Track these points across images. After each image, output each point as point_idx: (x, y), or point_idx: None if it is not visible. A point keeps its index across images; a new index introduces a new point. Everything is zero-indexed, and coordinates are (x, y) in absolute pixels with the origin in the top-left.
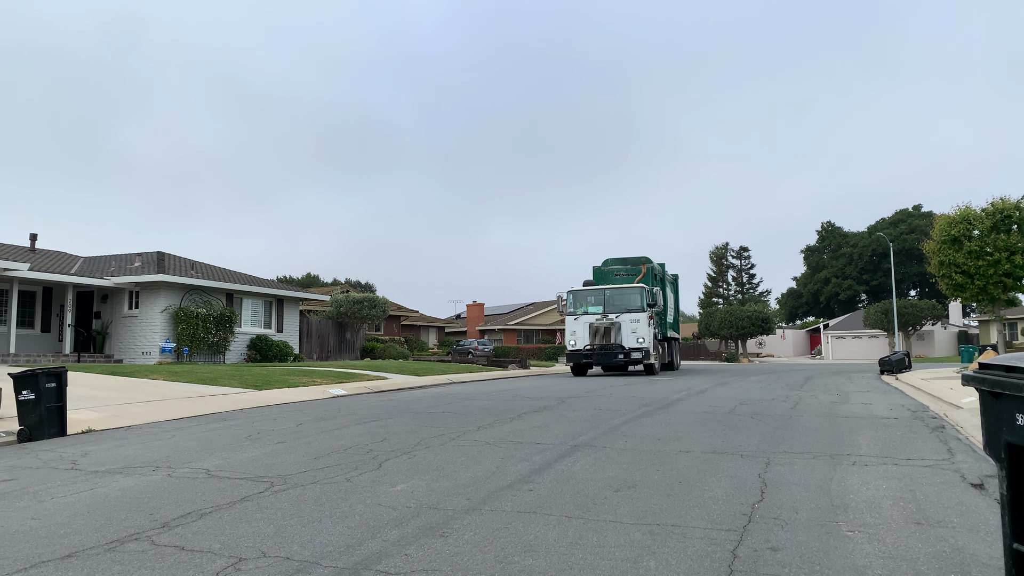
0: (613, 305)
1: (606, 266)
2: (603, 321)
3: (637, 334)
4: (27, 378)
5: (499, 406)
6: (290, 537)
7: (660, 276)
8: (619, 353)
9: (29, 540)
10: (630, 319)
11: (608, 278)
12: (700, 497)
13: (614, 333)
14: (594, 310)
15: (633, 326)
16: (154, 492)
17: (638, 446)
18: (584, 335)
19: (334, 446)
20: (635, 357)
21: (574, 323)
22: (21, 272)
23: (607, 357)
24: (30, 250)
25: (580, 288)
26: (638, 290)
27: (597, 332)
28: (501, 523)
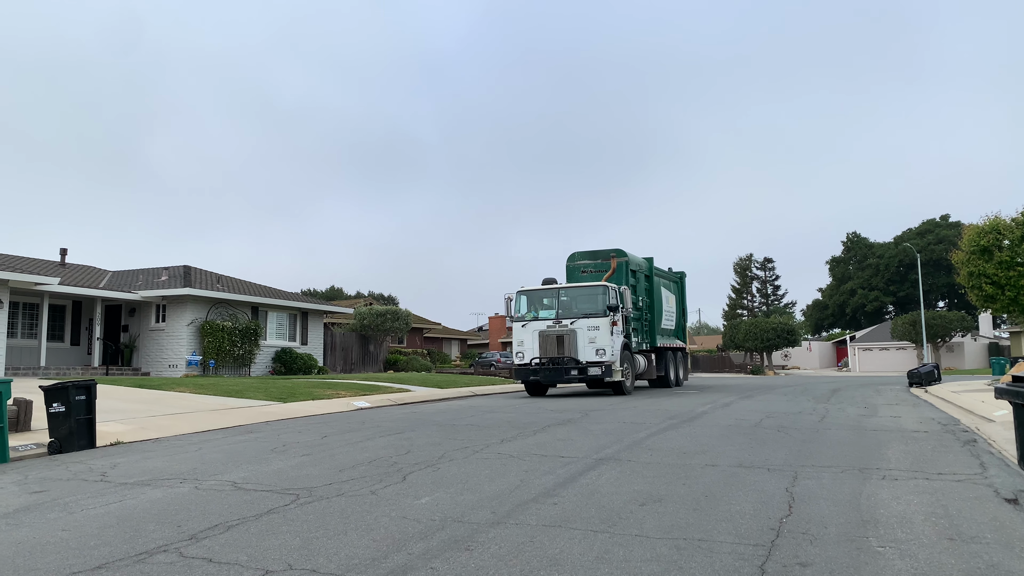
0: (568, 309)
1: (573, 261)
2: (555, 329)
3: (596, 344)
4: (57, 391)
5: (522, 419)
6: (316, 550)
7: (645, 272)
8: (572, 368)
9: (60, 551)
10: (587, 325)
11: (575, 276)
12: (727, 511)
13: (568, 343)
14: (546, 315)
15: (591, 334)
16: (182, 504)
17: (663, 459)
18: (533, 346)
19: (359, 458)
20: (593, 373)
21: (522, 331)
22: (51, 287)
23: (556, 373)
24: (60, 265)
25: (530, 288)
26: (599, 290)
27: (548, 342)
28: (526, 537)
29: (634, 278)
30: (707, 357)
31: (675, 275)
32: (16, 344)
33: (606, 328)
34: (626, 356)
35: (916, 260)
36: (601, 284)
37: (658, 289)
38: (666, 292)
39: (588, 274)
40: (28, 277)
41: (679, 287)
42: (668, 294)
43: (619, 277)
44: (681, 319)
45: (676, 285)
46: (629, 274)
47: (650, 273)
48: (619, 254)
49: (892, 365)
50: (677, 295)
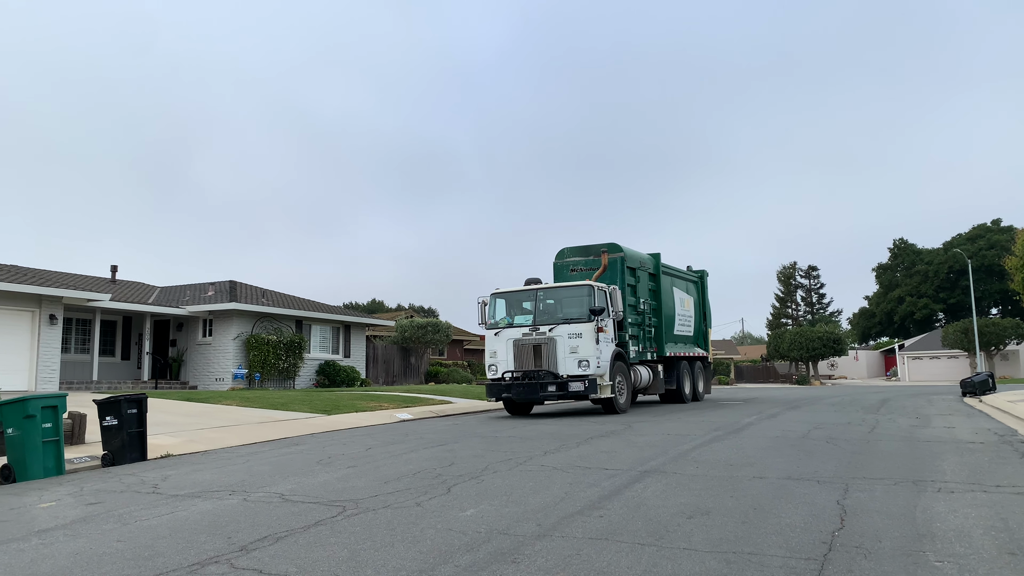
0: (548, 313)
1: (561, 259)
2: (531, 337)
3: (578, 354)
4: (110, 404)
5: (564, 430)
6: (364, 561)
7: (650, 270)
8: (549, 383)
9: (116, 562)
10: (568, 333)
11: (563, 276)
12: (776, 524)
13: (546, 354)
14: (522, 320)
15: (572, 343)
16: (231, 516)
17: (709, 472)
18: (507, 357)
19: (403, 470)
20: (574, 388)
21: (494, 340)
22: (103, 303)
23: (530, 390)
24: (111, 281)
25: (506, 290)
26: (582, 291)
27: (523, 353)
28: (572, 550)
29: (633, 277)
30: (751, 367)
31: (693, 274)
32: (70, 359)
33: (590, 335)
34: (619, 368)
35: (967, 266)
36: (584, 284)
37: (668, 290)
38: (680, 293)
39: (578, 273)
40: (81, 294)
41: (699, 288)
42: (683, 295)
43: (612, 275)
44: (701, 324)
45: (695, 285)
46: (626, 272)
47: (656, 271)
48: (612, 248)
49: (943, 374)
50: (696, 297)
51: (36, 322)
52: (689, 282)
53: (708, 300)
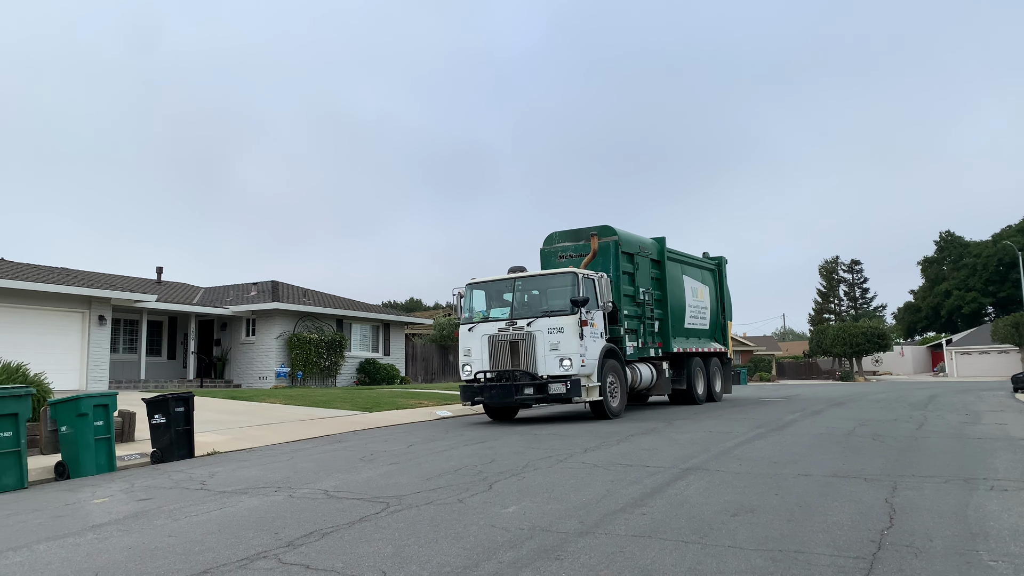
0: (527, 306)
1: (550, 244)
2: (507, 333)
3: (560, 351)
4: (158, 403)
5: (603, 428)
6: (408, 557)
7: (652, 256)
8: (525, 385)
9: (168, 556)
10: (548, 327)
11: (551, 264)
12: (823, 522)
13: (524, 351)
14: (499, 314)
15: (553, 338)
16: (277, 512)
17: (753, 469)
18: (482, 356)
19: (444, 467)
20: (555, 391)
21: (469, 336)
22: (149, 303)
23: (505, 392)
24: (156, 282)
25: (483, 280)
26: (564, 279)
27: (499, 350)
28: (616, 547)
29: (631, 263)
30: (793, 363)
31: (709, 261)
32: (118, 359)
33: (572, 330)
34: (611, 366)
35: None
36: (567, 271)
37: (676, 278)
38: (691, 282)
39: (567, 260)
40: (128, 295)
41: (715, 276)
42: (695, 284)
43: (605, 262)
44: (719, 316)
45: (711, 274)
46: (621, 258)
47: (660, 257)
48: (604, 231)
49: (993, 370)
50: (712, 286)
51: (86, 323)
52: (704, 270)
53: (727, 290)
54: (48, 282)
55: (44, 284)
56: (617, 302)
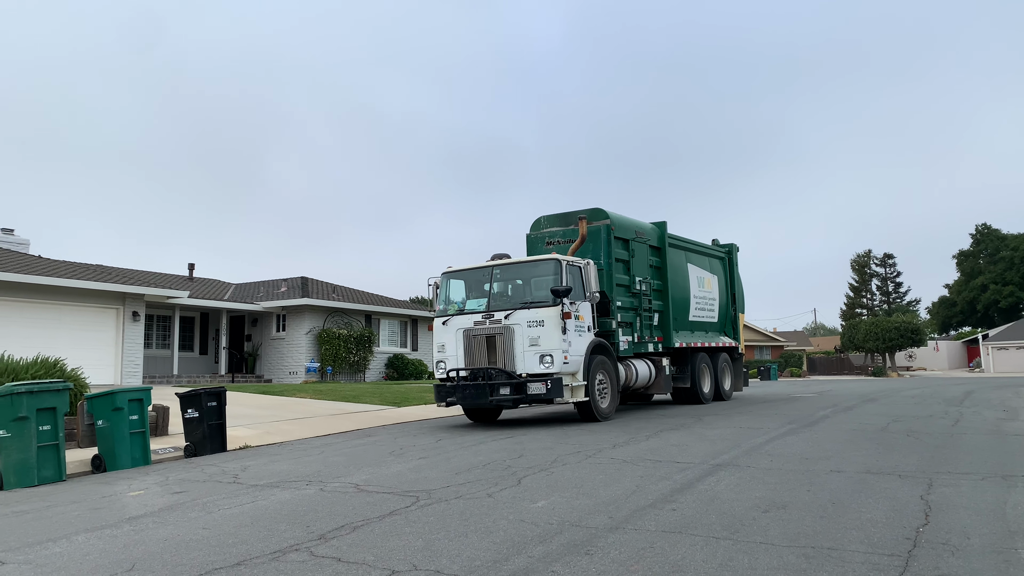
0: (504, 297)
1: (537, 230)
2: (483, 327)
3: (540, 347)
4: (191, 397)
5: (632, 424)
6: (439, 551)
7: (651, 242)
8: (501, 384)
9: (202, 548)
10: (527, 320)
11: (538, 251)
12: (857, 519)
13: (501, 347)
14: (474, 305)
15: (532, 332)
16: (309, 505)
17: (784, 465)
18: (456, 351)
19: (473, 462)
20: (534, 391)
21: (443, 331)
22: (182, 300)
23: (479, 392)
24: (188, 279)
25: (459, 268)
26: (545, 267)
27: (474, 346)
28: (646, 542)
29: (625, 250)
30: (824, 359)
31: (718, 249)
32: (151, 354)
33: (554, 323)
34: (600, 363)
35: None
36: (548, 258)
37: (679, 266)
38: (698, 271)
39: (555, 247)
40: (161, 291)
41: (725, 265)
42: (702, 274)
43: (595, 248)
44: (728, 308)
45: (720, 262)
46: (613, 243)
47: (660, 244)
48: (594, 215)
49: None
50: (722, 275)
51: (120, 319)
52: (712, 258)
53: (739, 280)
54: (84, 279)
55: (80, 281)
56: (609, 292)
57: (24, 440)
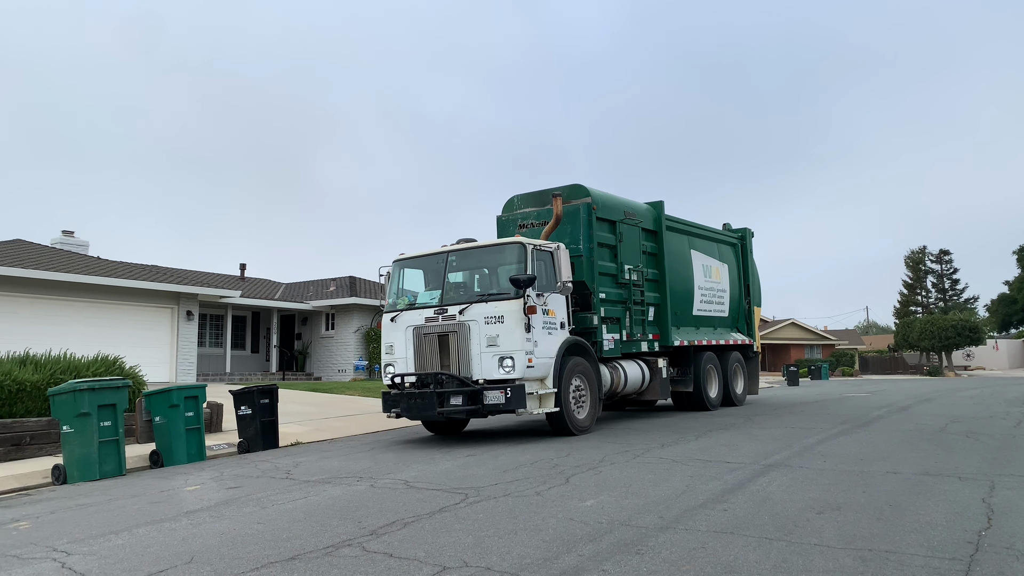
0: (464, 289)
1: (509, 211)
2: (436, 324)
3: (500, 348)
4: (244, 395)
5: (681, 423)
6: (489, 548)
7: (645, 225)
8: (452, 393)
9: (257, 542)
10: (485, 316)
11: (509, 233)
12: (915, 522)
13: (454, 348)
14: (427, 299)
15: (491, 331)
16: (360, 501)
17: (838, 466)
18: (406, 353)
19: (520, 460)
20: (492, 401)
21: (391, 328)
22: (234, 299)
23: (424, 403)
24: (240, 279)
25: (411, 255)
26: (506, 253)
27: (425, 346)
28: (697, 542)
29: (611, 233)
30: (877, 358)
31: (728, 234)
32: (205, 352)
33: (515, 318)
34: (576, 366)
35: None
36: (511, 241)
37: (680, 253)
38: (702, 258)
39: (530, 229)
40: (214, 291)
41: (737, 252)
42: (708, 262)
43: (573, 231)
44: (741, 300)
45: (731, 249)
46: (595, 225)
47: (656, 227)
48: (572, 192)
49: None
50: (733, 264)
51: (175, 318)
52: (721, 243)
53: (754, 269)
54: (140, 279)
55: (137, 281)
56: (590, 282)
57: (86, 435)
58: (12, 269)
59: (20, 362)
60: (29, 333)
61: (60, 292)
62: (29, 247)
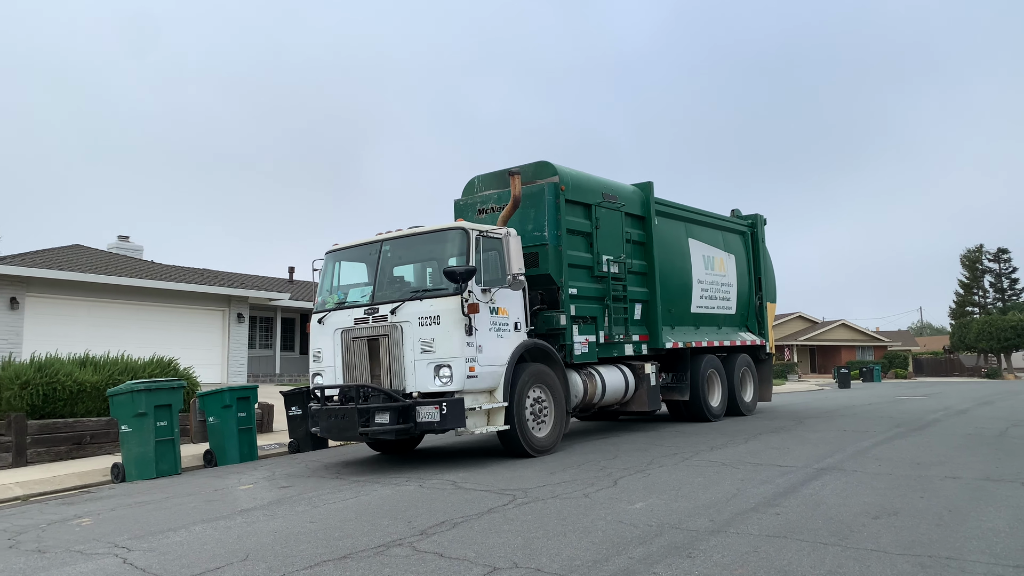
0: (396, 284)
1: (469, 195)
2: (365, 327)
3: (436, 355)
4: (294, 396)
5: (728, 426)
6: (538, 549)
7: (628, 209)
8: (377, 409)
9: (310, 541)
10: (419, 317)
11: (467, 216)
12: (976, 528)
13: (385, 354)
14: (358, 296)
15: (426, 334)
16: (409, 501)
17: (894, 470)
18: (335, 361)
19: (567, 462)
20: (424, 418)
21: (319, 332)
22: (283, 302)
23: (344, 420)
24: (289, 281)
25: (345, 246)
26: (447, 241)
27: (353, 353)
28: (749, 546)
29: (586, 218)
30: (932, 360)
31: (736, 221)
32: (255, 354)
33: (453, 319)
34: (535, 374)
35: None
36: (451, 227)
37: (674, 242)
38: (703, 248)
39: (489, 215)
40: (264, 294)
41: (746, 241)
42: (711, 252)
43: (537, 215)
44: (752, 296)
45: (740, 238)
46: (565, 209)
47: (644, 212)
48: (538, 171)
49: None
50: (742, 254)
51: (226, 320)
52: (726, 231)
53: (767, 260)
54: (192, 283)
55: (189, 284)
56: (556, 275)
57: (144, 435)
58: (72, 274)
59: (80, 363)
60: (88, 335)
61: (117, 295)
62: (87, 252)
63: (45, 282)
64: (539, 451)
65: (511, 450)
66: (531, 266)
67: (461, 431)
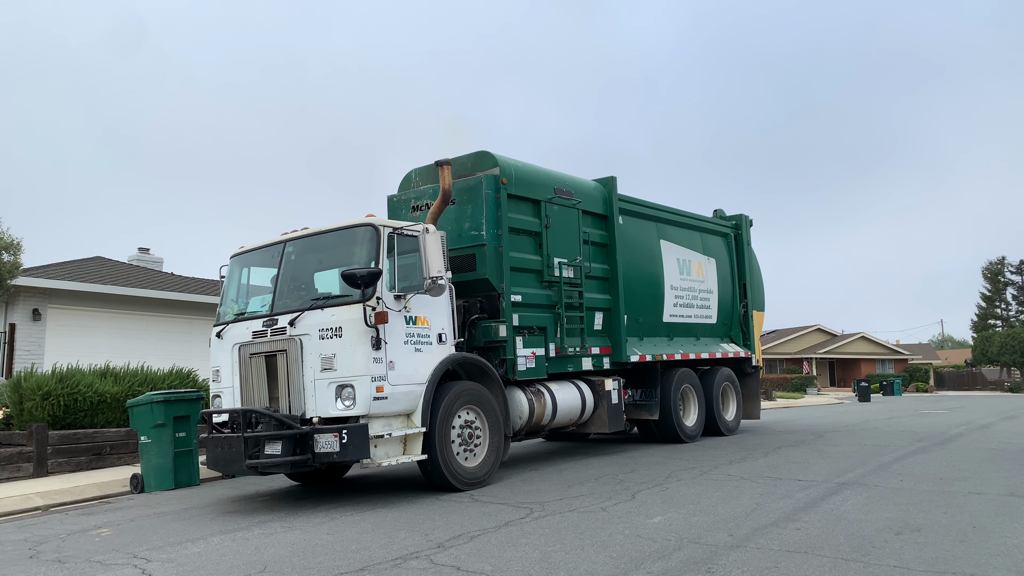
0: (297, 290)
1: (405, 189)
2: (263, 340)
3: (337, 373)
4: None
5: (748, 440)
6: (556, 563)
7: (587, 207)
8: (269, 439)
9: (327, 552)
10: (320, 329)
11: (400, 214)
12: (1001, 545)
13: (285, 375)
14: (257, 306)
15: (326, 349)
16: (426, 514)
17: (916, 485)
18: (233, 380)
19: (585, 475)
20: (323, 448)
21: (218, 346)
22: None
23: (230, 452)
24: None
25: (250, 248)
26: (352, 240)
27: (249, 371)
28: (769, 562)
29: (534, 215)
30: (953, 373)
31: (718, 222)
32: None
33: (356, 332)
34: (464, 395)
35: None
36: (358, 224)
37: (644, 244)
38: (677, 251)
39: (424, 211)
40: None
41: (730, 244)
42: (687, 255)
43: (475, 212)
44: (736, 304)
45: (722, 240)
46: (507, 204)
47: (606, 210)
48: (476, 162)
49: None
50: (725, 258)
51: None
52: (706, 233)
53: (753, 264)
54: (212, 294)
55: (208, 296)
56: (496, 280)
57: (163, 446)
58: (94, 285)
59: (101, 374)
60: (109, 347)
61: (137, 307)
62: (108, 264)
63: (67, 294)
64: (468, 484)
65: (434, 482)
66: (467, 269)
67: (367, 463)
